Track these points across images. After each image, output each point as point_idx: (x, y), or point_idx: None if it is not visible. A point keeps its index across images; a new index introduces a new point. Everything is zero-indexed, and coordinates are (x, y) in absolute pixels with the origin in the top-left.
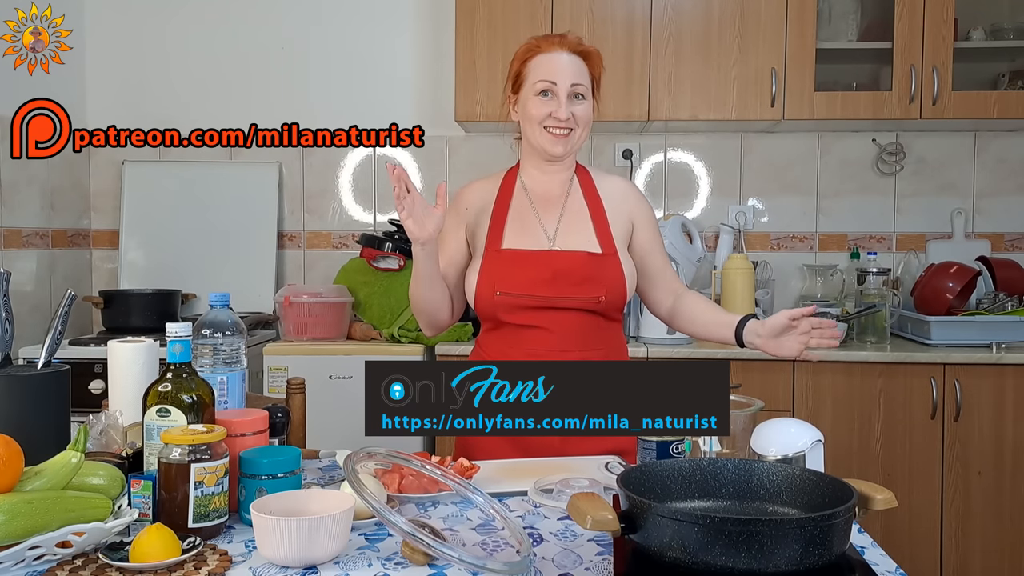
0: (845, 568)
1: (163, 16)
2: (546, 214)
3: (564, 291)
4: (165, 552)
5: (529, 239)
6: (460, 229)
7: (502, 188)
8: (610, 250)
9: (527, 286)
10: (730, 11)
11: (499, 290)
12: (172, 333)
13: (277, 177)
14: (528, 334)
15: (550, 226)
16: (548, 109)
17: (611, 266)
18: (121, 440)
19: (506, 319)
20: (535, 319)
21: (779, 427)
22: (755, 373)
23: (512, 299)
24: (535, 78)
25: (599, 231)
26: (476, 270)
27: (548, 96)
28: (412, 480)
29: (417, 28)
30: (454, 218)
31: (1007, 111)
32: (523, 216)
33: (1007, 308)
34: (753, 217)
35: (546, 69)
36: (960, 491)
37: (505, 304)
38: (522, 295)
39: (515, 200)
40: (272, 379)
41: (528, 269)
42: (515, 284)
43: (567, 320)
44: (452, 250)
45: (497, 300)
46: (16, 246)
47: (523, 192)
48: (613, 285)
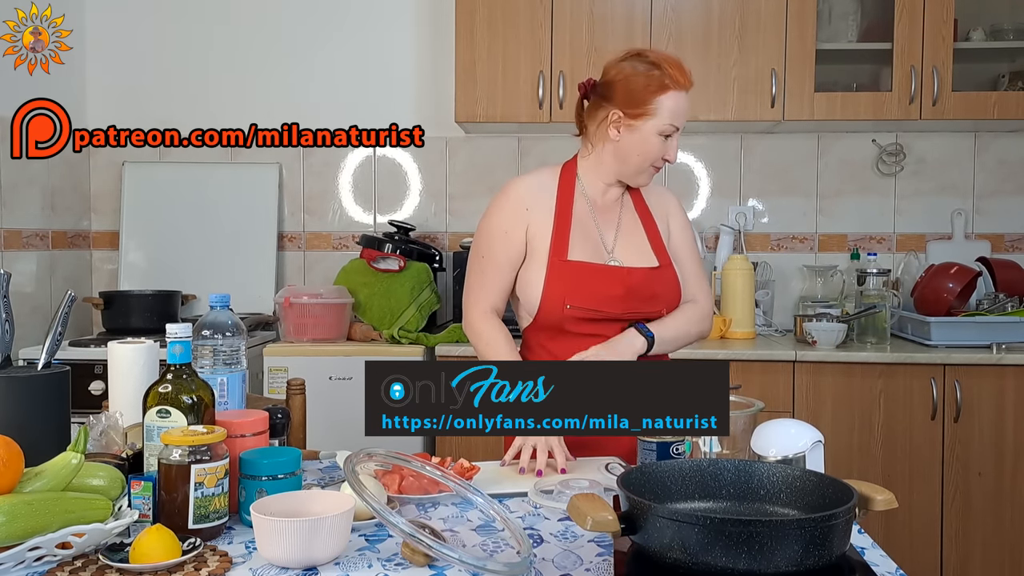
0: (845, 569)
1: (163, 16)
2: (605, 225)
3: (633, 307)
4: (165, 553)
5: (591, 251)
6: (522, 229)
7: (561, 190)
8: (665, 261)
9: (600, 302)
10: (730, 11)
11: (570, 303)
12: (172, 334)
13: (277, 178)
14: (590, 343)
15: (608, 238)
16: (666, 151)
17: (669, 279)
18: (121, 441)
19: (571, 329)
20: (600, 329)
21: (779, 428)
22: (755, 374)
23: (583, 313)
24: (666, 119)
25: (654, 243)
26: (540, 277)
27: (668, 138)
28: (412, 481)
29: (417, 28)
30: (514, 217)
31: (1007, 111)
32: (585, 225)
33: (1007, 309)
34: (753, 218)
35: (675, 112)
36: (960, 492)
37: (574, 317)
38: (594, 310)
39: (576, 207)
40: (272, 380)
41: (599, 284)
42: (587, 299)
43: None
44: (514, 249)
45: (567, 312)
46: (16, 247)
47: (583, 199)
48: (672, 298)
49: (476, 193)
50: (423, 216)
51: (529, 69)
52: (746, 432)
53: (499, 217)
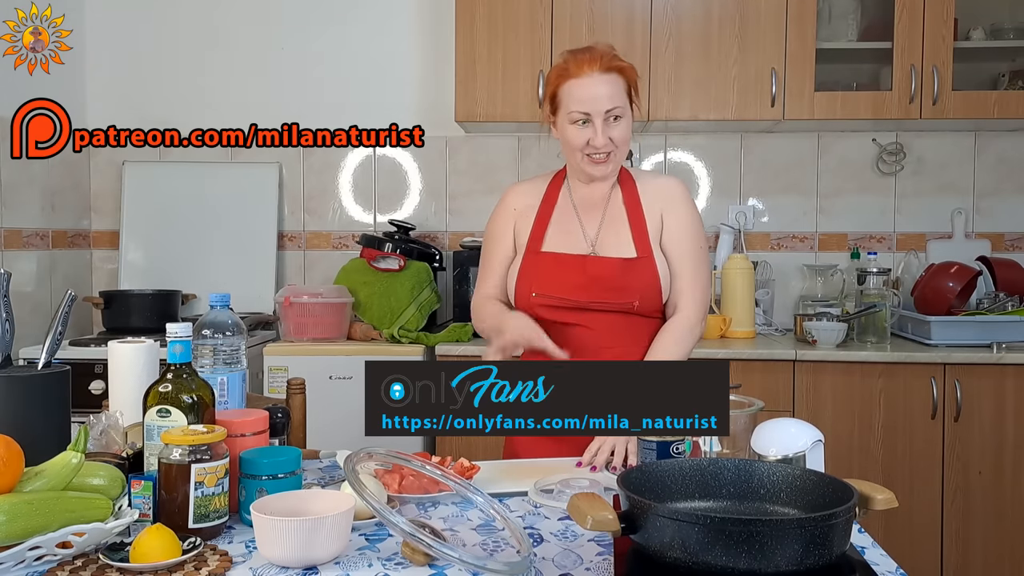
0: (846, 568)
1: (163, 16)
2: (588, 218)
3: (598, 296)
4: (165, 553)
5: (569, 243)
6: (511, 229)
7: (548, 190)
8: (645, 252)
9: (563, 289)
10: (730, 11)
11: (535, 291)
12: (172, 333)
13: (277, 177)
14: (569, 331)
15: (591, 230)
16: (585, 137)
17: (645, 270)
18: (121, 441)
19: (544, 317)
20: (574, 318)
21: (779, 427)
22: (755, 373)
23: (547, 300)
24: (569, 107)
25: (636, 233)
26: (516, 270)
27: (585, 124)
28: (412, 480)
29: (417, 28)
30: (504, 219)
31: (1007, 111)
32: (566, 219)
33: (1007, 308)
34: (753, 217)
35: (579, 98)
36: (960, 491)
37: (541, 305)
38: (557, 297)
39: (560, 203)
40: (272, 379)
41: (565, 273)
42: (551, 286)
43: (606, 319)
44: (505, 249)
45: (533, 300)
46: (16, 247)
47: (568, 196)
48: (647, 290)
49: (476, 193)
50: (423, 215)
51: (529, 69)
52: (746, 431)
53: (494, 221)
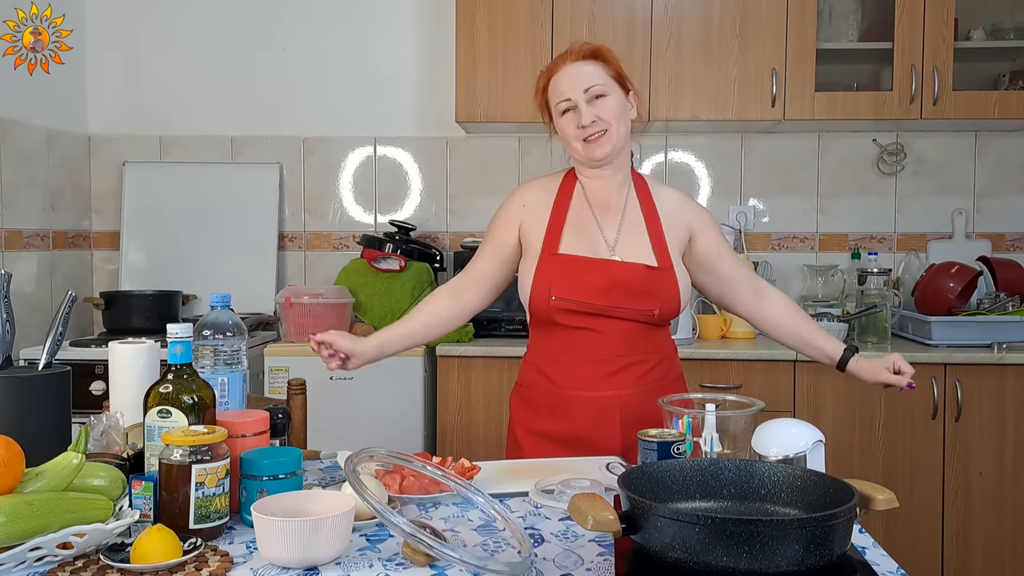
0: (846, 568)
1: (163, 17)
2: (606, 221)
3: (620, 301)
4: (166, 553)
5: (587, 245)
6: (512, 224)
7: (561, 189)
8: (666, 264)
9: (583, 293)
10: (730, 11)
11: (555, 294)
12: (173, 334)
13: (277, 178)
14: (581, 336)
15: (610, 233)
16: (575, 122)
17: (667, 280)
18: (122, 441)
19: (560, 322)
20: (589, 323)
21: (780, 427)
22: (756, 373)
23: (567, 304)
24: (554, 101)
25: (656, 244)
26: (531, 272)
27: (572, 112)
28: (413, 481)
29: (417, 29)
30: (510, 210)
31: (1007, 111)
32: (582, 221)
33: (1008, 308)
34: (754, 217)
35: (559, 88)
36: (961, 491)
37: (559, 308)
38: (577, 301)
39: (574, 204)
40: (273, 380)
41: (586, 276)
42: (571, 290)
43: (620, 327)
44: (499, 243)
45: (552, 304)
46: (17, 247)
47: (582, 196)
48: (668, 300)
49: (476, 193)
50: (423, 216)
51: (529, 69)
52: (747, 432)
53: (498, 214)
